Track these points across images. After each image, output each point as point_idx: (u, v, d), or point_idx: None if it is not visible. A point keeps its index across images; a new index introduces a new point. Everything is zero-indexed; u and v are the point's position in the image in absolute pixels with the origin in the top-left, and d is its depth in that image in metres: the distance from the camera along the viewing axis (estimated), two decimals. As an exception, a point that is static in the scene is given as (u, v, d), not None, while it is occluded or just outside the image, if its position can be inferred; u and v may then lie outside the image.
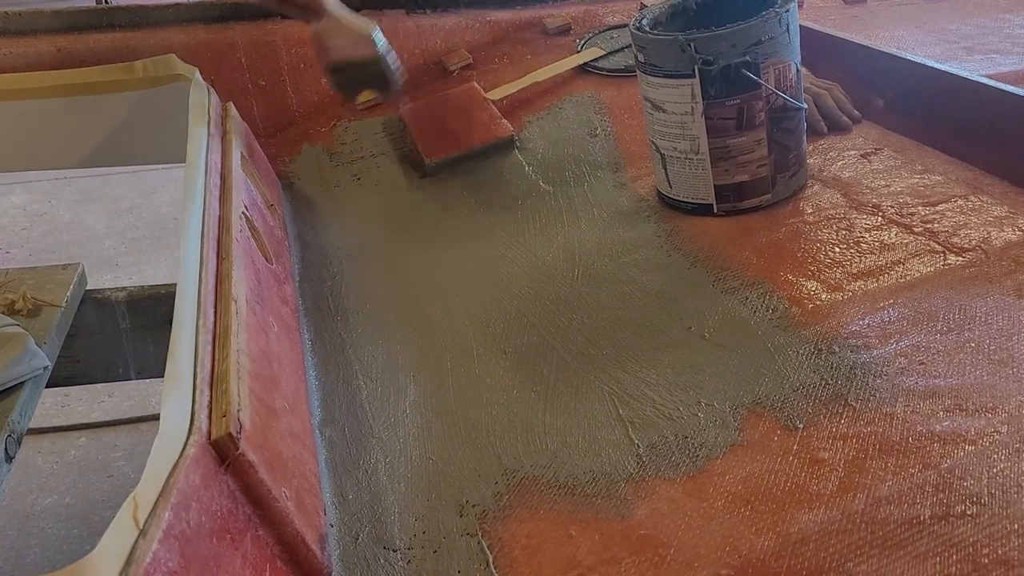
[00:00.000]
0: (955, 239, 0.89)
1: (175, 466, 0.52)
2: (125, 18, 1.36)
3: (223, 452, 0.57)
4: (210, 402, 0.61)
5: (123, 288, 1.29)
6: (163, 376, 1.34)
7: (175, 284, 1.23)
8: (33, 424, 1.01)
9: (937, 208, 0.95)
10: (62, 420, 1.87)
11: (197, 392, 0.60)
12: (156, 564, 0.46)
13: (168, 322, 1.26)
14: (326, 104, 1.43)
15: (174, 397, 0.59)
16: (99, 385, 1.79)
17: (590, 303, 0.93)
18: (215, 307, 0.74)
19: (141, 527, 0.47)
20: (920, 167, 1.04)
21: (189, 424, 0.57)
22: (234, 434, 0.57)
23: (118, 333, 1.29)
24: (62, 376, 1.22)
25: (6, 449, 0.92)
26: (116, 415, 1.88)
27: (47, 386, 1.05)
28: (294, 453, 0.68)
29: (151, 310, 1.29)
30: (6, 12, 1.35)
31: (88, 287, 1.25)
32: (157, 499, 0.49)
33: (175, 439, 0.55)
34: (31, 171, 2.50)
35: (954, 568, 0.54)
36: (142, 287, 1.30)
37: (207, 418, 0.59)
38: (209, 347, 0.67)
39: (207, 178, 0.93)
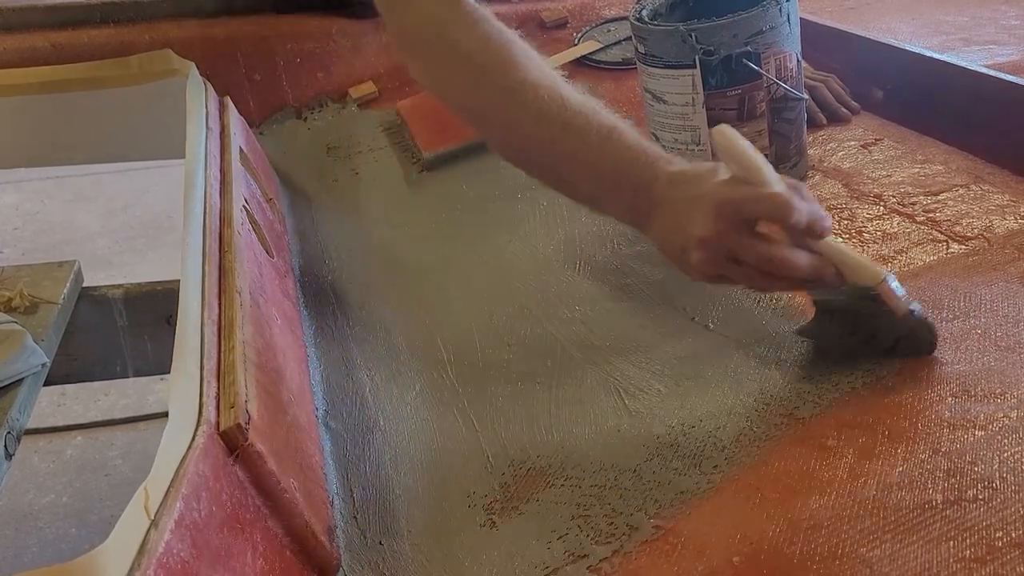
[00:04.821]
0: (957, 228, 0.90)
1: (185, 457, 0.52)
2: (120, 13, 1.36)
3: (232, 443, 0.57)
4: (217, 393, 0.60)
5: (120, 285, 1.28)
6: (161, 373, 1.34)
7: (172, 281, 1.23)
8: (30, 424, 1.00)
9: (939, 197, 0.95)
10: (59, 420, 1.86)
11: (204, 384, 0.60)
12: (169, 554, 0.45)
13: (166, 319, 1.26)
14: (323, 99, 1.42)
15: (182, 389, 0.59)
16: (95, 385, 1.79)
17: (592, 295, 0.93)
18: (219, 300, 0.73)
19: (153, 517, 0.47)
20: (921, 157, 1.04)
21: (197, 415, 0.57)
22: (243, 425, 0.57)
23: (115, 330, 1.28)
24: (60, 374, 1.21)
25: (5, 446, 0.92)
26: (112, 415, 1.87)
27: (45, 384, 1.05)
28: (301, 445, 0.67)
29: (148, 307, 1.28)
30: (0, 8, 1.34)
31: (84, 284, 1.24)
32: (168, 489, 0.49)
33: (184, 430, 0.54)
34: (25, 169, 2.49)
35: (968, 552, 0.54)
36: (139, 284, 1.29)
37: (215, 409, 0.58)
38: (215, 339, 0.67)
39: (207, 172, 0.93)
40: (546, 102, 0.76)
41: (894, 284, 0.70)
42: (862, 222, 0.94)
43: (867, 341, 0.73)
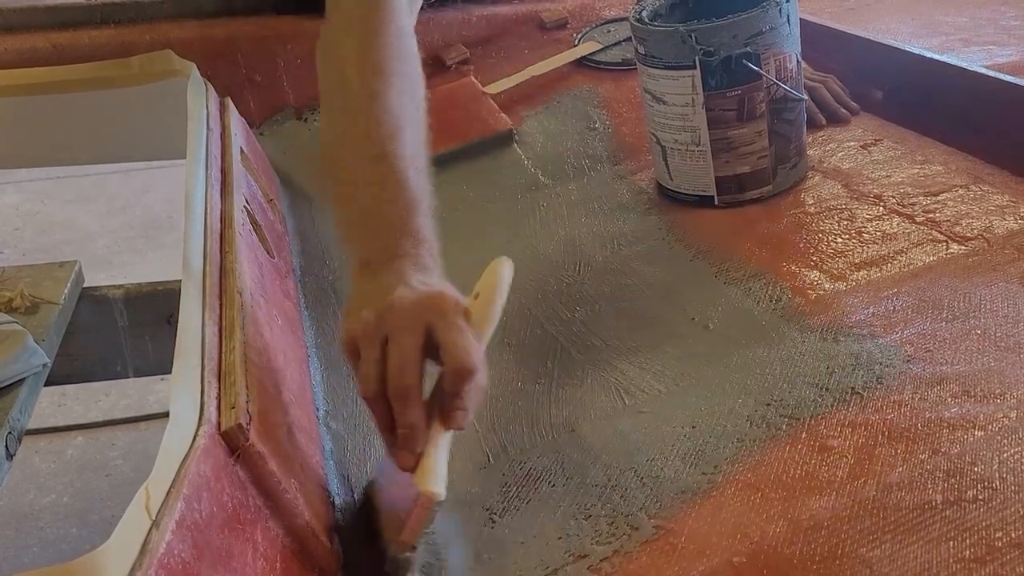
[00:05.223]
0: (957, 228, 0.90)
1: (186, 457, 0.52)
2: (121, 14, 1.36)
3: (233, 443, 0.57)
4: (219, 394, 0.60)
5: (120, 286, 1.28)
6: (162, 373, 1.33)
7: (172, 281, 1.23)
8: (30, 425, 1.00)
9: (938, 198, 0.95)
10: (59, 420, 1.86)
11: (205, 384, 0.60)
12: (170, 554, 0.45)
13: (166, 319, 1.26)
14: (323, 99, 1.42)
15: (183, 389, 0.59)
16: (96, 385, 1.78)
17: (593, 296, 0.93)
18: (220, 300, 0.73)
19: (154, 518, 0.47)
20: (920, 157, 1.04)
21: (199, 416, 0.57)
22: (244, 425, 0.57)
23: (116, 330, 1.28)
24: (60, 374, 1.21)
25: (6, 447, 0.92)
26: (113, 415, 1.87)
27: (45, 384, 1.05)
28: (302, 445, 0.68)
29: (149, 307, 1.28)
30: (0, 8, 1.34)
31: (85, 285, 1.24)
32: (169, 489, 0.49)
33: (185, 430, 0.54)
34: (25, 169, 2.49)
35: (968, 552, 0.54)
36: (139, 284, 1.29)
37: (216, 409, 0.58)
38: (216, 340, 0.67)
39: (208, 172, 0.93)
40: (383, 126, 0.72)
41: (433, 513, 0.59)
42: (862, 223, 0.94)
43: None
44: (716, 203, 1.03)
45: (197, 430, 0.55)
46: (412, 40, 0.82)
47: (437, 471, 0.60)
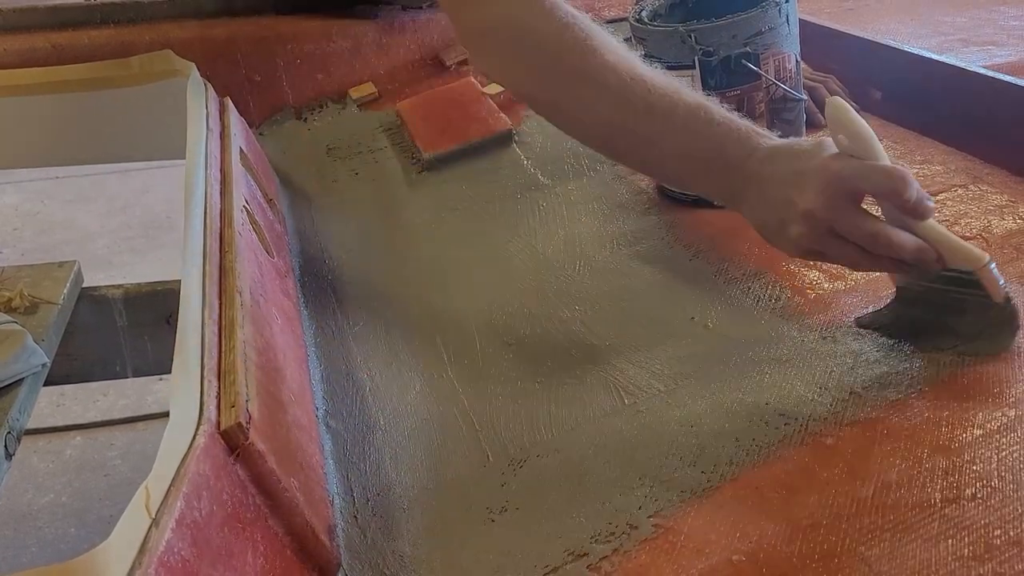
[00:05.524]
0: (956, 228, 0.90)
1: (186, 456, 0.52)
2: (121, 14, 1.36)
3: (232, 442, 0.57)
4: (218, 393, 0.60)
5: (120, 286, 1.28)
6: (161, 373, 1.33)
7: (172, 281, 1.23)
8: (29, 424, 1.00)
9: (937, 198, 0.96)
10: (58, 420, 1.86)
11: (205, 383, 0.60)
12: (170, 553, 0.46)
13: (165, 319, 1.26)
14: (322, 100, 1.42)
15: (183, 388, 0.59)
16: (94, 385, 1.79)
17: (592, 295, 0.93)
18: (220, 300, 0.73)
19: (154, 516, 0.47)
20: (919, 157, 1.04)
21: (198, 414, 0.57)
22: (243, 424, 0.57)
23: (115, 330, 1.28)
24: (59, 374, 1.21)
25: (6, 446, 0.92)
26: (112, 415, 1.87)
27: (44, 384, 1.05)
28: (301, 445, 0.68)
29: (148, 307, 1.28)
30: (0, 8, 1.34)
31: (84, 285, 1.24)
32: (169, 488, 0.49)
33: (185, 429, 0.54)
34: (25, 169, 2.49)
35: (967, 550, 0.54)
36: (138, 284, 1.29)
37: (216, 408, 0.58)
38: (215, 339, 0.67)
39: (208, 172, 0.93)
40: (628, 85, 0.75)
41: (994, 269, 0.70)
42: (861, 222, 0.94)
43: (947, 332, 0.73)
44: (715, 203, 1.03)
45: (197, 429, 0.55)
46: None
47: (962, 246, 0.70)
